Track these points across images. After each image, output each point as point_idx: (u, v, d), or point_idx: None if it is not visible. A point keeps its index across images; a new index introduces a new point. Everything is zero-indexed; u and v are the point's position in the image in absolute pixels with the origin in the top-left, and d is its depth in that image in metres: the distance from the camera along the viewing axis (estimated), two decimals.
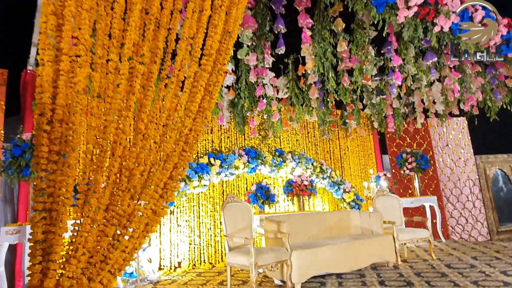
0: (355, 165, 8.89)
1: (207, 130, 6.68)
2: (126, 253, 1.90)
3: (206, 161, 5.97)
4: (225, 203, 4.66)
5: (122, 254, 1.88)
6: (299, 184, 6.36)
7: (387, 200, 6.47)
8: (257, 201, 5.92)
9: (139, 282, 4.78)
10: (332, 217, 5.89)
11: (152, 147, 2.08)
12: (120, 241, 1.87)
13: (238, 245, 4.53)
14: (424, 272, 5.00)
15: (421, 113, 6.95)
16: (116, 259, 1.85)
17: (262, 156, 6.54)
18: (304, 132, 8.02)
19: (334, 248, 4.89)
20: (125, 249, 1.89)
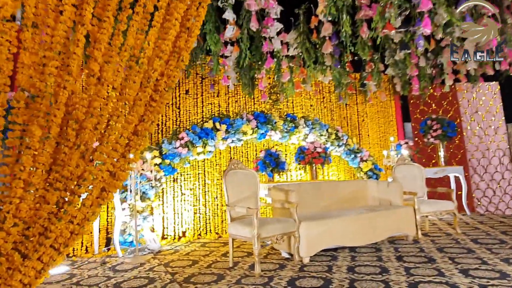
0: (373, 133, 8.29)
1: (213, 93, 6.21)
2: (75, 225, 1.52)
3: (211, 126, 5.54)
4: (227, 170, 4.26)
5: (69, 225, 1.50)
6: (311, 151, 5.88)
7: (408, 170, 5.93)
8: (265, 168, 5.50)
9: (138, 251, 4.51)
10: (346, 187, 5.43)
11: (110, 94, 1.65)
12: (66, 210, 1.49)
13: (242, 215, 4.16)
14: (447, 247, 4.53)
15: (450, 74, 6.23)
16: (60, 231, 1.47)
17: (273, 121, 6.05)
18: (318, 97, 7.44)
19: (347, 219, 4.46)
20: (73, 220, 1.51)
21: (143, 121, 1.75)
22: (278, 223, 3.92)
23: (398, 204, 5.23)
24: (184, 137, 5.34)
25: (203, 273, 3.78)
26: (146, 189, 4.98)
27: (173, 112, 5.84)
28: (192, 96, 6.03)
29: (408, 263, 3.84)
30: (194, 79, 6.07)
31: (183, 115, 5.92)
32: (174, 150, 5.24)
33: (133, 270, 4.03)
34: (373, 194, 5.57)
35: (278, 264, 4.03)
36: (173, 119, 5.83)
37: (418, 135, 8.38)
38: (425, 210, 5.21)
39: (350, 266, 3.82)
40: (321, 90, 7.51)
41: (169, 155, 5.19)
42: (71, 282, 3.68)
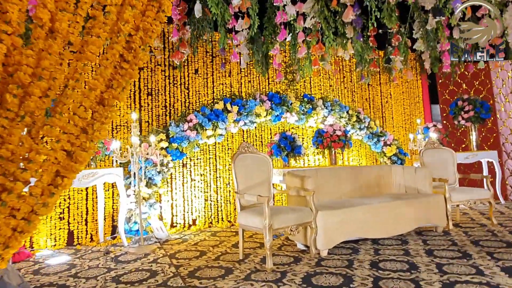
0: (398, 115, 7.72)
1: (225, 73, 5.80)
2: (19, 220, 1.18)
3: (222, 107, 5.15)
4: (237, 154, 3.88)
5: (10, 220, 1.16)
6: (330, 135, 5.42)
7: (438, 154, 5.41)
8: (280, 153, 5.09)
9: (143, 241, 4.23)
10: (369, 173, 4.97)
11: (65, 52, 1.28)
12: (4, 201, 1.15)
13: (252, 204, 3.79)
14: (483, 240, 4.05)
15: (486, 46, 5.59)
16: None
17: (288, 102, 5.60)
18: (338, 77, 6.91)
19: (370, 209, 4.03)
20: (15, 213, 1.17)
21: (111, 87, 1.39)
22: (293, 212, 3.53)
23: (426, 191, 4.74)
24: (192, 119, 4.98)
25: (210, 266, 3.45)
26: (152, 174, 4.68)
27: (182, 93, 5.48)
28: (202, 76, 5.64)
29: (440, 259, 3.40)
30: (204, 57, 5.66)
31: (192, 96, 5.55)
32: (182, 133, 4.89)
33: (136, 261, 3.75)
34: (399, 181, 5.09)
35: (292, 257, 3.66)
36: (182, 100, 5.47)
37: (447, 118, 7.75)
38: (457, 198, 4.71)
39: (374, 261, 3.41)
40: (342, 69, 6.98)
41: (177, 138, 4.84)
42: (69, 273, 3.43)
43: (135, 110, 5.10)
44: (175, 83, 5.43)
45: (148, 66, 5.24)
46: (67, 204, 4.60)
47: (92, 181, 4.18)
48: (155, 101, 5.26)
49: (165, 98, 5.34)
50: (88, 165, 4.36)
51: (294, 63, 5.36)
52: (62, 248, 4.48)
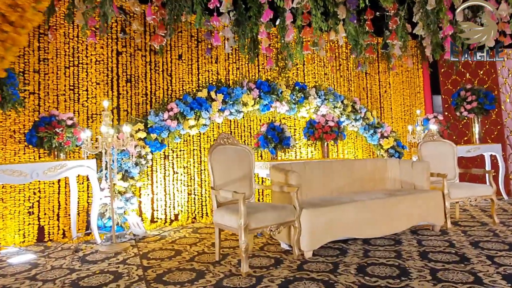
0: (397, 106, 7.34)
1: (211, 59, 5.44)
2: None
3: (205, 95, 4.80)
4: (214, 145, 3.55)
5: None
6: (322, 125, 5.07)
7: (437, 147, 5.06)
8: (267, 145, 4.75)
9: (115, 238, 3.93)
10: (363, 167, 4.63)
11: None
12: None
13: (231, 201, 3.46)
14: (483, 241, 3.72)
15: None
16: None
17: (278, 90, 5.24)
18: (334, 64, 6.53)
19: (361, 206, 3.71)
20: None
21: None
22: (273, 210, 3.20)
23: (423, 187, 4.41)
24: (173, 108, 4.64)
25: (182, 269, 3.14)
26: (128, 167, 4.36)
27: (164, 80, 5.12)
28: (186, 62, 5.28)
29: (434, 263, 3.07)
30: (188, 42, 5.30)
31: (176, 83, 5.20)
32: (162, 123, 4.56)
33: (104, 261, 3.45)
34: (394, 176, 4.75)
35: (274, 259, 3.34)
36: (164, 88, 5.12)
37: (448, 109, 7.37)
38: (456, 195, 4.37)
39: (361, 265, 3.09)
40: (337, 57, 6.59)
41: (156, 128, 4.51)
42: (28, 275, 3.13)
43: (112, 98, 4.76)
44: (157, 70, 5.08)
45: (127, 51, 4.88)
46: (37, 198, 4.30)
47: (60, 174, 3.87)
48: (134, 88, 4.92)
49: (145, 86, 5.00)
50: (56, 157, 4.04)
51: (283, 47, 4.98)
52: (31, 244, 4.20)
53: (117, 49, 4.82)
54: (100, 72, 4.70)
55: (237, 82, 5.10)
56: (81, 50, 4.60)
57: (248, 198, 3.65)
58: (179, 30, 5.19)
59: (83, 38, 4.52)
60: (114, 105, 4.77)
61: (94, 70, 4.66)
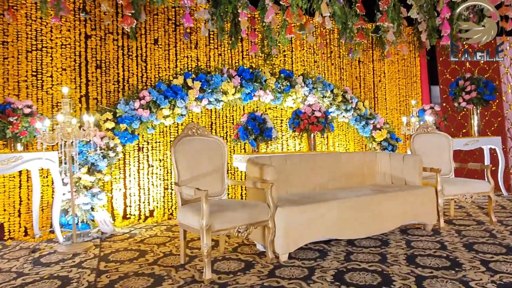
0: (392, 96, 6.97)
1: (190, 44, 5.06)
2: None
3: (181, 83, 4.44)
4: (179, 137, 3.20)
5: None
6: (308, 116, 4.72)
7: (432, 140, 4.71)
8: (247, 136, 4.40)
9: (76, 238, 3.61)
10: (350, 160, 4.29)
11: None
12: None
13: (198, 198, 3.12)
14: (478, 242, 3.39)
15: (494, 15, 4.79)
16: None
17: (262, 78, 4.88)
18: (324, 51, 6.15)
19: (344, 204, 3.37)
20: None
21: None
22: (242, 209, 2.86)
23: (415, 183, 4.07)
24: (146, 96, 4.28)
25: (140, 274, 2.82)
26: (95, 160, 4.02)
27: (138, 67, 4.76)
28: (162, 47, 4.91)
29: (422, 269, 2.74)
30: (165, 25, 4.92)
31: (151, 70, 4.83)
32: (133, 112, 4.21)
33: (58, 263, 3.13)
34: (384, 170, 4.41)
35: (245, 263, 3.02)
36: (138, 75, 4.76)
37: (446, 100, 7.00)
38: (450, 191, 4.03)
39: (340, 270, 2.77)
40: (328, 43, 6.20)
41: (126, 118, 4.16)
42: None
43: (81, 85, 4.41)
44: (130, 55, 4.71)
45: (96, 34, 4.51)
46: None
47: (15, 167, 3.53)
48: (105, 75, 4.56)
49: (117, 72, 4.63)
50: (12, 148, 3.71)
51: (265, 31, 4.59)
52: None
53: (86, 32, 4.45)
54: (66, 57, 4.33)
55: (217, 69, 4.73)
56: (45, 33, 4.23)
57: (219, 195, 3.32)
58: (154, 13, 4.81)
59: (46, 19, 4.15)
60: (83, 93, 4.41)
61: (60, 54, 4.30)
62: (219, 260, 3.11)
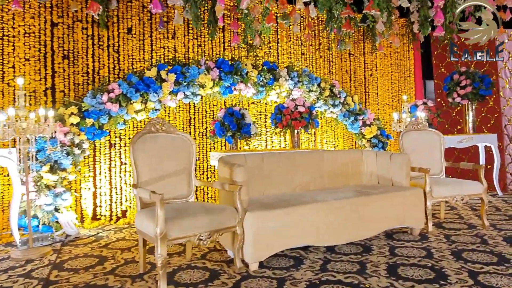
0: (384, 91, 6.68)
1: (167, 34, 4.76)
2: None
3: (154, 75, 4.14)
4: (139, 134, 2.91)
5: None
6: (291, 111, 4.43)
7: (422, 137, 4.43)
8: (224, 133, 4.11)
9: (32, 242, 3.33)
10: (333, 159, 4.01)
11: None
12: None
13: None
14: (468, 249, 3.12)
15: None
16: None
17: (242, 70, 4.58)
18: (313, 43, 5.84)
19: (323, 207, 3.10)
20: None
21: None
22: (205, 214, 2.58)
23: (402, 184, 3.79)
24: (115, 89, 3.98)
25: (92, 285, 2.55)
26: (59, 157, 3.73)
27: (110, 57, 4.46)
28: (137, 36, 4.60)
29: (402, 281, 2.48)
30: (139, 13, 4.61)
31: (124, 61, 4.53)
32: (101, 106, 3.91)
33: (7, 272, 2.85)
34: (371, 170, 4.13)
35: (210, 272, 2.75)
36: (110, 66, 4.46)
37: (441, 95, 6.70)
38: (440, 193, 3.75)
39: (313, 283, 2.50)
40: (317, 35, 5.89)
41: (93, 112, 3.87)
42: None
43: (46, 76, 4.11)
44: (101, 45, 4.41)
45: (64, 22, 4.20)
46: None
47: None
48: (73, 66, 4.26)
49: (87, 63, 4.33)
50: None
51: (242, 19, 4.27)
52: None
53: (52, 20, 4.14)
54: (30, 47, 4.03)
55: (194, 60, 4.42)
56: (7, 20, 3.92)
57: (185, 197, 3.05)
58: (128, 0, 4.50)
59: (7, 6, 3.84)
60: (48, 85, 4.11)
61: (23, 43, 3.99)
62: (183, 269, 2.84)
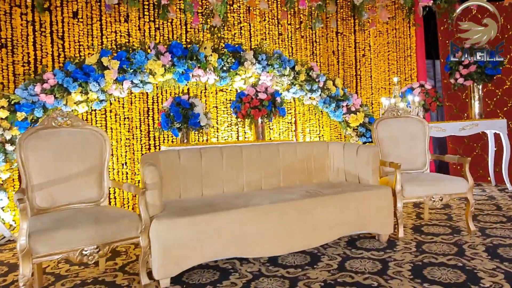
0: (380, 73, 5.98)
1: (119, 17, 4.34)
2: None
3: (94, 62, 3.76)
4: (30, 130, 2.53)
5: None
6: (251, 98, 3.92)
7: (402, 126, 3.80)
8: (168, 125, 3.67)
9: None
10: (290, 153, 3.49)
11: None
12: None
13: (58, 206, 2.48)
14: (435, 264, 2.55)
15: None
16: None
17: (199, 55, 4.10)
18: (292, 22, 5.24)
19: (254, 213, 2.61)
20: None
21: None
22: (93, 224, 2.17)
23: (368, 181, 3.22)
24: (50, 79, 3.64)
25: None
26: None
27: (54, 45, 4.11)
28: (84, 21, 4.22)
29: None
30: None
31: (70, 49, 4.17)
32: (34, 99, 3.59)
33: None
34: (338, 165, 3.58)
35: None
36: (54, 54, 4.11)
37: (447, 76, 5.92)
38: (413, 192, 3.16)
39: None
40: (297, 12, 5.28)
41: (25, 105, 3.55)
42: None
43: None
44: (43, 31, 4.06)
45: (0, 8, 3.88)
46: None
47: None
48: (12, 55, 3.94)
49: (27, 52, 4.01)
50: None
51: None
52: None
53: None
54: None
55: (142, 45, 3.99)
56: None
57: (94, 201, 2.65)
58: None
59: None
60: None
61: None
62: (87, 283, 2.47)
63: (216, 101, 4.86)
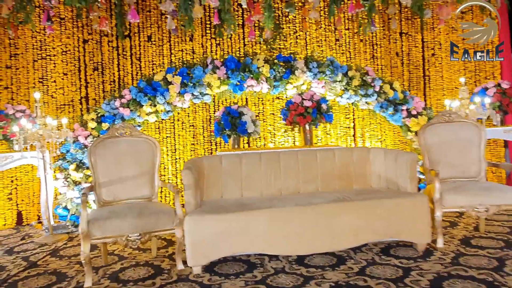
0: (453, 73, 5.55)
1: (184, 37, 4.94)
2: None
3: (160, 79, 4.37)
4: (98, 140, 3.15)
5: None
6: (297, 106, 4.10)
7: (454, 131, 3.59)
8: (219, 132, 4.08)
9: (52, 230, 3.95)
10: (328, 159, 3.60)
11: None
12: None
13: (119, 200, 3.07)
14: (463, 277, 2.43)
15: None
16: None
17: (252, 66, 4.43)
18: (351, 27, 5.24)
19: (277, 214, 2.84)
20: None
21: None
22: (136, 216, 2.67)
23: (406, 188, 3.17)
24: (126, 94, 4.37)
25: (62, 273, 2.92)
26: (82, 157, 4.31)
27: (133, 65, 4.88)
28: (156, 43, 4.91)
29: None
30: (158, 21, 4.90)
31: (145, 67, 4.90)
32: (114, 111, 4.35)
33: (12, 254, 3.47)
34: (379, 171, 3.56)
35: (154, 270, 2.84)
36: (133, 73, 4.88)
37: None
38: (454, 202, 3.02)
39: None
40: (355, 16, 5.25)
41: (107, 117, 4.33)
42: None
43: (81, 87, 4.77)
44: (125, 55, 4.86)
45: (93, 38, 4.78)
46: (15, 186, 4.63)
47: (8, 165, 4.09)
48: (102, 76, 4.82)
49: (113, 72, 4.84)
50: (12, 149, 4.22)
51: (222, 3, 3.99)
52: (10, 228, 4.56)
53: (83, 38, 4.76)
54: (67, 63, 4.73)
55: (201, 61, 4.50)
56: (48, 42, 4.68)
57: (146, 198, 3.18)
58: (147, 9, 4.84)
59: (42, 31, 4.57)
60: (83, 95, 4.76)
61: (61, 61, 4.71)
62: (140, 264, 3.00)
63: (273, 108, 5.15)
